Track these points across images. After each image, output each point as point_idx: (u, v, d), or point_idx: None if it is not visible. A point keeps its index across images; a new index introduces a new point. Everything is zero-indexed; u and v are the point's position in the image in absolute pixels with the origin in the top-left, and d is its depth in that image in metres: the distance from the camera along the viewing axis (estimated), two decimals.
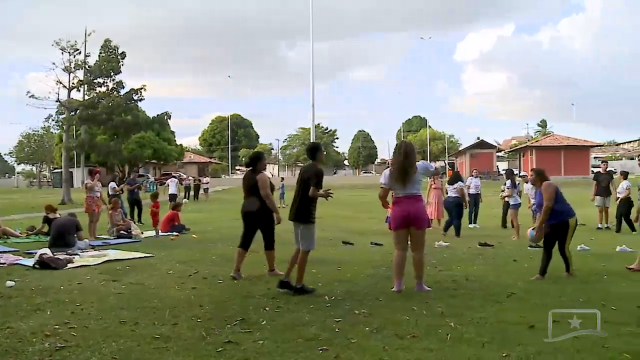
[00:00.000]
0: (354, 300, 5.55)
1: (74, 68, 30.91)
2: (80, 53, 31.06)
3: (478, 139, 75.93)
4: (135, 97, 32.23)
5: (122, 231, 12.07)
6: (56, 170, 58.95)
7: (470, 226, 14.41)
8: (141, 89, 32.23)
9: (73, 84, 30.89)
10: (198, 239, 11.70)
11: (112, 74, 31.86)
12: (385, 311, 5.06)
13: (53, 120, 35.54)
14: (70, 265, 7.77)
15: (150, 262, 8.23)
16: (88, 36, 31.36)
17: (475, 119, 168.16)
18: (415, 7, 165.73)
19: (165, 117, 34.71)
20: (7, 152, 77.86)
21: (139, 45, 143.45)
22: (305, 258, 5.99)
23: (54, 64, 30.18)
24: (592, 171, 45.22)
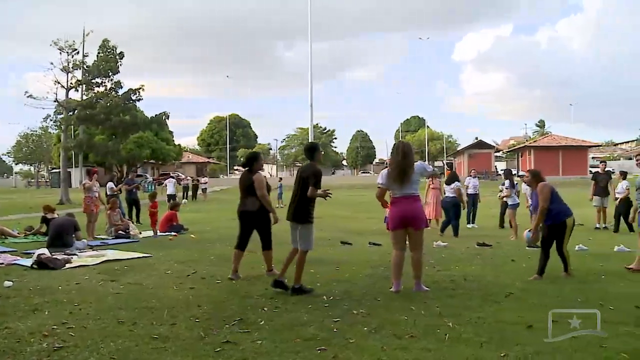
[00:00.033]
0: (353, 300, 5.55)
1: (72, 68, 30.95)
2: (78, 53, 31.15)
3: (476, 139, 75.99)
4: (133, 97, 32.25)
5: (121, 231, 12.06)
6: (54, 170, 58.86)
7: (469, 226, 14.43)
8: (139, 89, 32.26)
9: (71, 83, 30.90)
10: (196, 239, 11.69)
11: (110, 74, 31.86)
12: (384, 311, 5.06)
13: (51, 120, 35.68)
14: (68, 266, 7.76)
15: (149, 262, 8.22)
16: (86, 36, 31.39)
17: (473, 119, 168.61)
18: (414, 8, 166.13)
19: (164, 117, 34.73)
20: (5, 152, 77.83)
21: (138, 45, 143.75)
22: (304, 258, 5.98)
23: (52, 63, 30.25)
24: (590, 171, 45.25)
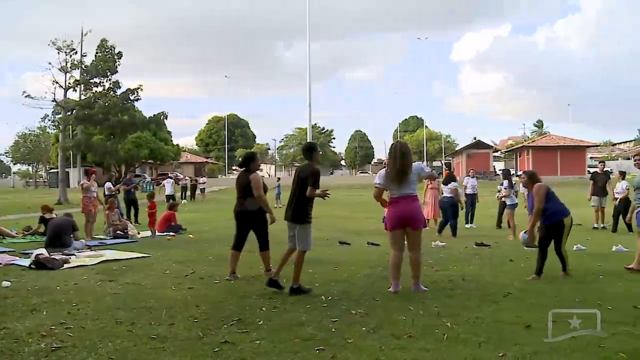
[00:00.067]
0: (351, 300, 5.55)
1: (70, 68, 30.88)
2: (76, 53, 31.06)
3: (475, 139, 76.02)
4: (131, 97, 32.17)
5: (119, 231, 12.05)
6: (52, 170, 58.77)
7: (467, 226, 14.43)
8: (138, 88, 32.20)
9: (69, 83, 30.86)
10: (195, 239, 11.69)
11: (109, 73, 31.80)
12: (382, 311, 5.06)
13: (49, 120, 35.60)
14: (66, 266, 7.76)
15: (147, 262, 8.22)
16: (84, 36, 31.35)
17: (472, 119, 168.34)
18: (412, 8, 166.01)
19: (162, 117, 34.68)
20: (3, 152, 77.58)
21: (136, 45, 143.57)
22: (302, 258, 5.97)
23: (50, 63, 30.20)
24: (589, 171, 45.29)
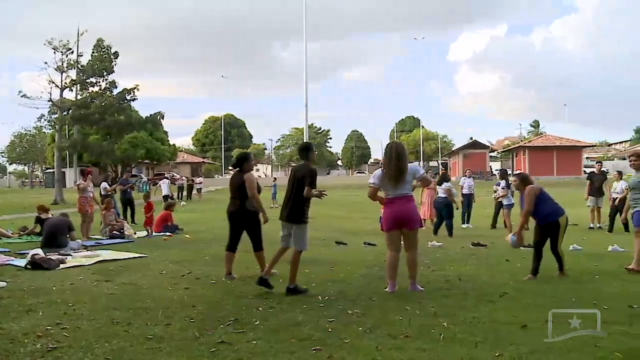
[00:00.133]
0: (347, 300, 5.55)
1: (67, 67, 30.81)
2: (72, 52, 31.00)
3: (471, 139, 76.03)
4: (128, 97, 32.18)
5: (115, 231, 12.03)
6: (48, 170, 58.63)
7: (463, 226, 14.46)
8: (134, 88, 32.19)
9: (65, 83, 30.80)
10: (191, 239, 11.67)
11: (105, 73, 31.78)
12: (379, 311, 5.07)
13: (45, 120, 35.54)
14: (62, 266, 7.73)
15: (143, 263, 8.20)
16: (80, 35, 31.31)
17: (468, 119, 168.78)
18: (409, 8, 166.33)
19: (158, 117, 34.66)
20: None
21: (133, 45, 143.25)
22: (298, 258, 5.97)
23: (46, 63, 30.14)
24: (585, 171, 45.48)
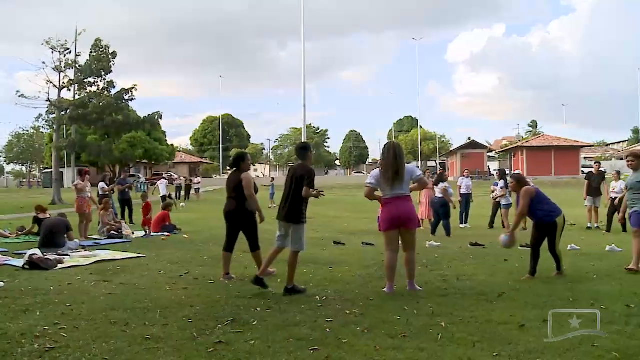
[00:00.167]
0: (346, 300, 5.55)
1: (65, 67, 30.75)
2: (70, 52, 30.95)
3: (469, 139, 76.23)
4: (126, 97, 32.08)
5: (113, 231, 12.02)
6: (46, 170, 58.48)
7: (462, 226, 14.48)
8: (132, 88, 32.10)
9: (63, 83, 30.72)
10: (189, 239, 11.67)
11: (103, 73, 31.66)
12: (377, 311, 5.07)
13: (43, 119, 35.41)
14: (60, 266, 7.72)
15: (141, 263, 8.20)
16: (79, 35, 31.24)
17: (466, 119, 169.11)
18: (407, 8, 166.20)
19: (156, 117, 34.57)
20: None
21: (132, 45, 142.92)
22: (296, 259, 5.97)
23: (44, 63, 30.06)
24: (583, 171, 45.58)
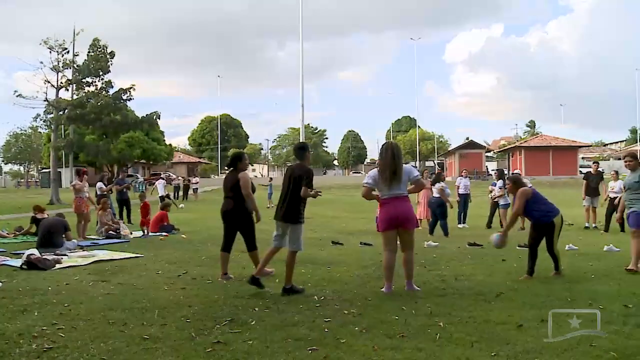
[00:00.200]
0: (344, 300, 5.55)
1: (63, 67, 30.71)
2: (68, 52, 30.91)
3: (467, 139, 76.24)
4: (124, 97, 32.04)
5: (111, 231, 12.00)
6: (44, 170, 58.44)
7: (460, 226, 14.48)
8: (130, 88, 32.07)
9: (61, 83, 30.68)
10: (187, 239, 11.65)
11: (101, 73, 31.63)
12: (375, 311, 5.07)
13: (41, 119, 35.47)
14: (58, 266, 7.72)
15: (139, 263, 8.19)
16: (76, 35, 31.19)
17: (464, 119, 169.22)
18: (405, 8, 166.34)
19: (155, 117, 34.53)
20: None
21: (130, 45, 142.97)
22: (294, 259, 5.97)
23: (42, 62, 30.01)
24: (581, 171, 45.62)
